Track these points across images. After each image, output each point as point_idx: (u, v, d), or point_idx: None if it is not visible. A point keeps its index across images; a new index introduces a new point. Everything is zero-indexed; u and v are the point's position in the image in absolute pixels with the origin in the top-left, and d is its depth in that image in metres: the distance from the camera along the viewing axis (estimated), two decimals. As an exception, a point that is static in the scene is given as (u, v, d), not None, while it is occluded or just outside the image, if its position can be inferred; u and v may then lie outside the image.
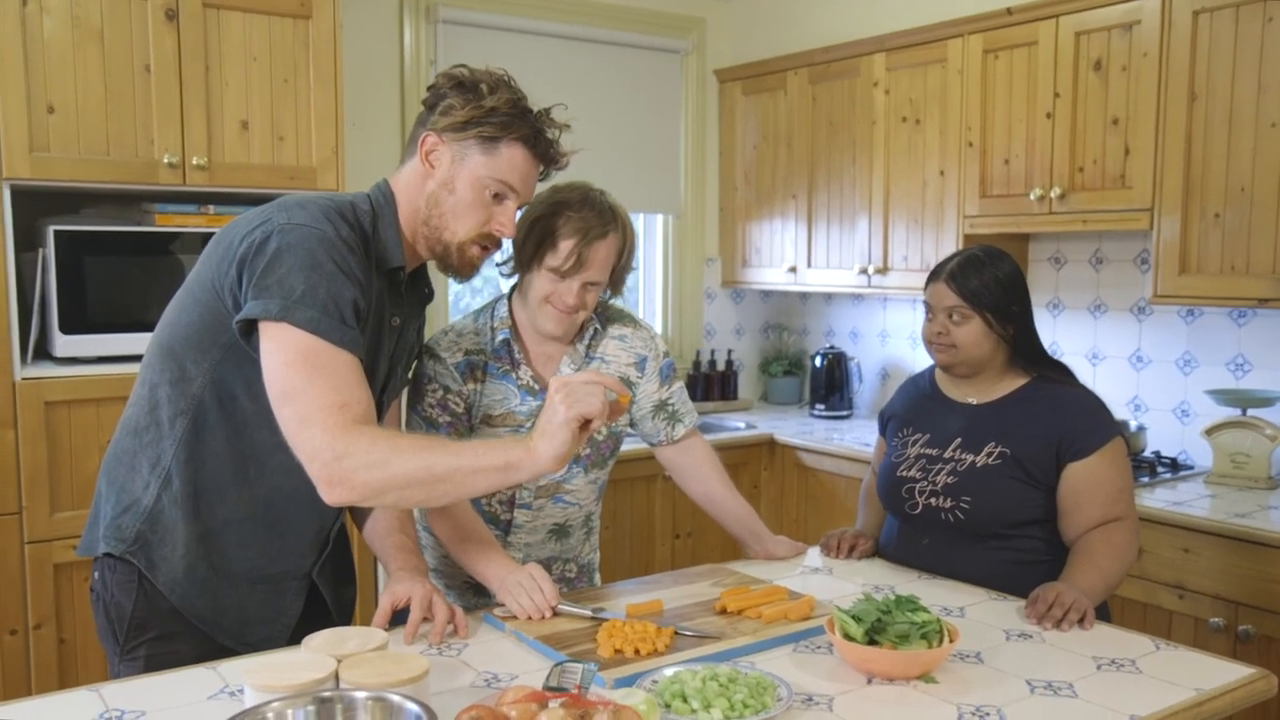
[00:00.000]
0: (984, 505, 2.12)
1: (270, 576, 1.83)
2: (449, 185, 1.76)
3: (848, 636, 1.65)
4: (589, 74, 4.29)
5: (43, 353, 2.92)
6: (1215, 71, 2.92)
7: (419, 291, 1.93)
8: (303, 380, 1.57)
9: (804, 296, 4.77)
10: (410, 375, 2.07)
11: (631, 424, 2.24)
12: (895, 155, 3.88)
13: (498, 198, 1.78)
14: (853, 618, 1.66)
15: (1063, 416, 2.12)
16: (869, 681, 1.62)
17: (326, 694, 1.36)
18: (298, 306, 1.59)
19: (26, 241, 2.91)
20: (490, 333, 2.08)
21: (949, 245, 3.67)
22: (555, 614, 1.84)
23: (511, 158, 1.77)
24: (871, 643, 1.63)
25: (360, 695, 1.35)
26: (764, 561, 2.24)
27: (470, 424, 2.07)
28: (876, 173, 3.94)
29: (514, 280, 2.12)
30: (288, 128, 3.10)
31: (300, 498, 1.75)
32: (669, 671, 1.57)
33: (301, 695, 1.35)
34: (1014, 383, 2.20)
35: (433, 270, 1.90)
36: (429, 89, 1.81)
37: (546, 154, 1.84)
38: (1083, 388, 2.20)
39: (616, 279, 2.08)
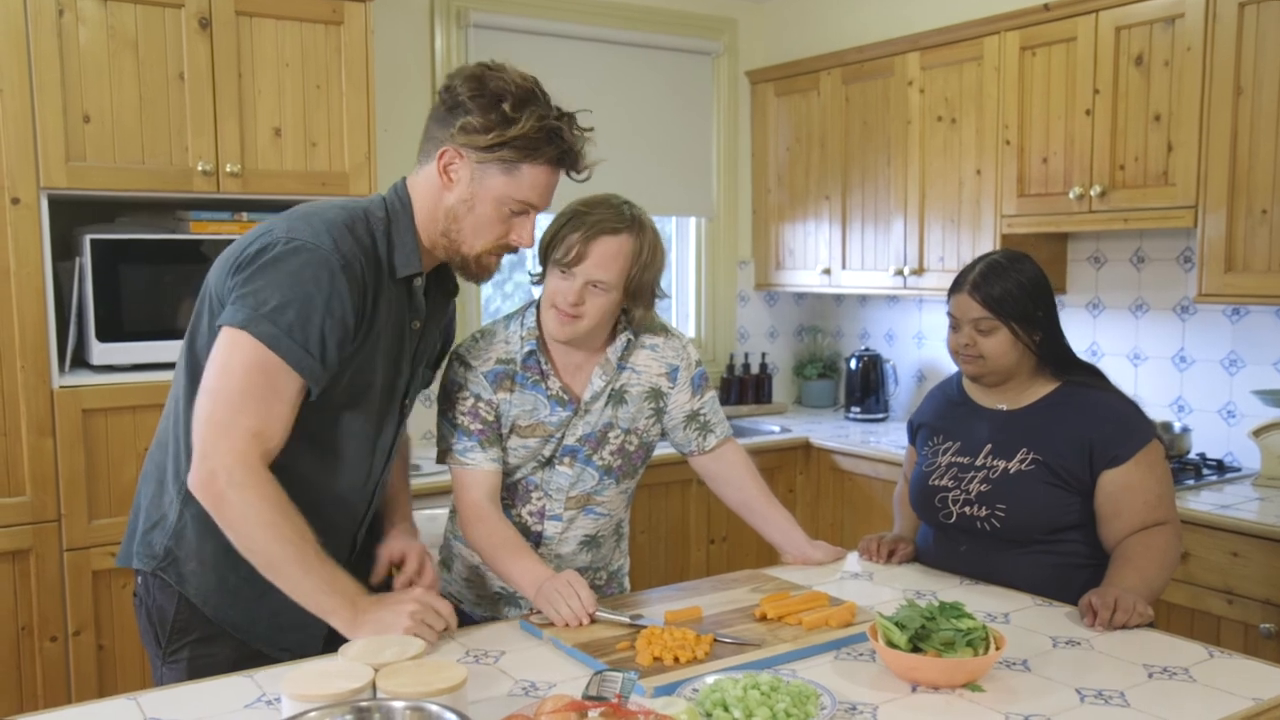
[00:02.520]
0: (1019, 512, 2.08)
1: None
2: (469, 203, 1.74)
3: (891, 644, 1.61)
4: (620, 77, 4.28)
5: (80, 361, 2.94)
6: (1262, 65, 2.86)
7: (443, 288, 1.92)
8: (238, 388, 1.60)
9: (838, 298, 4.73)
10: (439, 376, 2.06)
11: (663, 434, 2.21)
12: (930, 155, 3.83)
13: (516, 213, 1.78)
14: (896, 624, 1.63)
15: (1095, 422, 2.08)
16: (913, 690, 1.59)
17: (364, 703, 1.34)
18: (264, 320, 1.60)
19: (63, 250, 2.93)
20: (519, 342, 2.04)
21: (986, 245, 3.62)
22: (593, 621, 1.82)
23: (534, 178, 1.75)
24: (915, 650, 1.60)
25: (398, 705, 1.33)
26: (802, 567, 2.21)
27: (501, 432, 2.03)
28: (911, 173, 3.90)
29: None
30: (320, 134, 3.11)
31: (325, 503, 1.75)
32: (709, 679, 1.54)
33: (339, 704, 1.34)
34: (1044, 388, 2.16)
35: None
36: (445, 89, 1.76)
37: (571, 168, 1.82)
38: (1115, 391, 2.16)
39: (634, 290, 1.96)
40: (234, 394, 1.61)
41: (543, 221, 1.91)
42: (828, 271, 4.29)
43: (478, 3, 3.93)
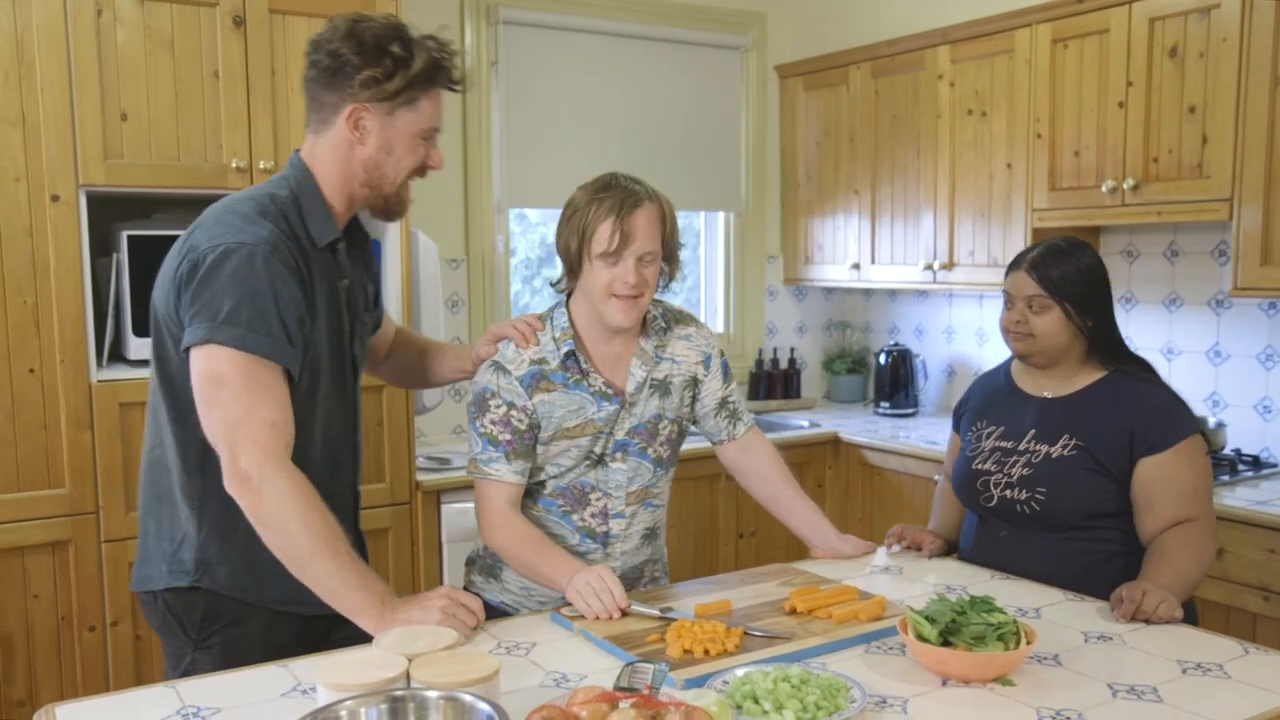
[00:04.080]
0: (1059, 496, 2.10)
1: None
2: (385, 148, 1.83)
3: (921, 638, 1.62)
4: (649, 72, 4.28)
5: (117, 355, 2.98)
6: (1298, 55, 2.83)
7: (354, 240, 1.97)
8: (238, 391, 1.66)
9: (867, 293, 4.71)
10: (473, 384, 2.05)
11: (694, 422, 2.22)
12: (961, 149, 3.81)
13: (426, 141, 1.88)
14: (926, 618, 1.63)
15: (1137, 410, 2.09)
16: (944, 684, 1.59)
17: (399, 693, 1.36)
18: (224, 327, 1.67)
19: (101, 247, 2.97)
20: (554, 344, 2.02)
21: (1017, 239, 3.60)
22: (624, 614, 1.83)
23: (432, 104, 1.86)
24: (946, 644, 1.60)
25: (432, 695, 1.35)
26: (831, 561, 2.21)
27: (533, 441, 2.00)
28: (941, 167, 3.88)
29: (568, 291, 2.07)
30: (352, 131, 3.13)
31: (317, 472, 1.80)
32: (740, 672, 1.55)
33: (374, 694, 1.36)
34: (1090, 376, 2.17)
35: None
36: (324, 54, 1.79)
37: (458, 85, 1.91)
38: (1162, 384, 2.16)
39: (670, 253, 2.01)
40: (237, 397, 1.67)
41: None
42: (857, 266, 4.28)
43: (507, -1, 3.95)
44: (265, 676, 1.66)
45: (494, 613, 2.04)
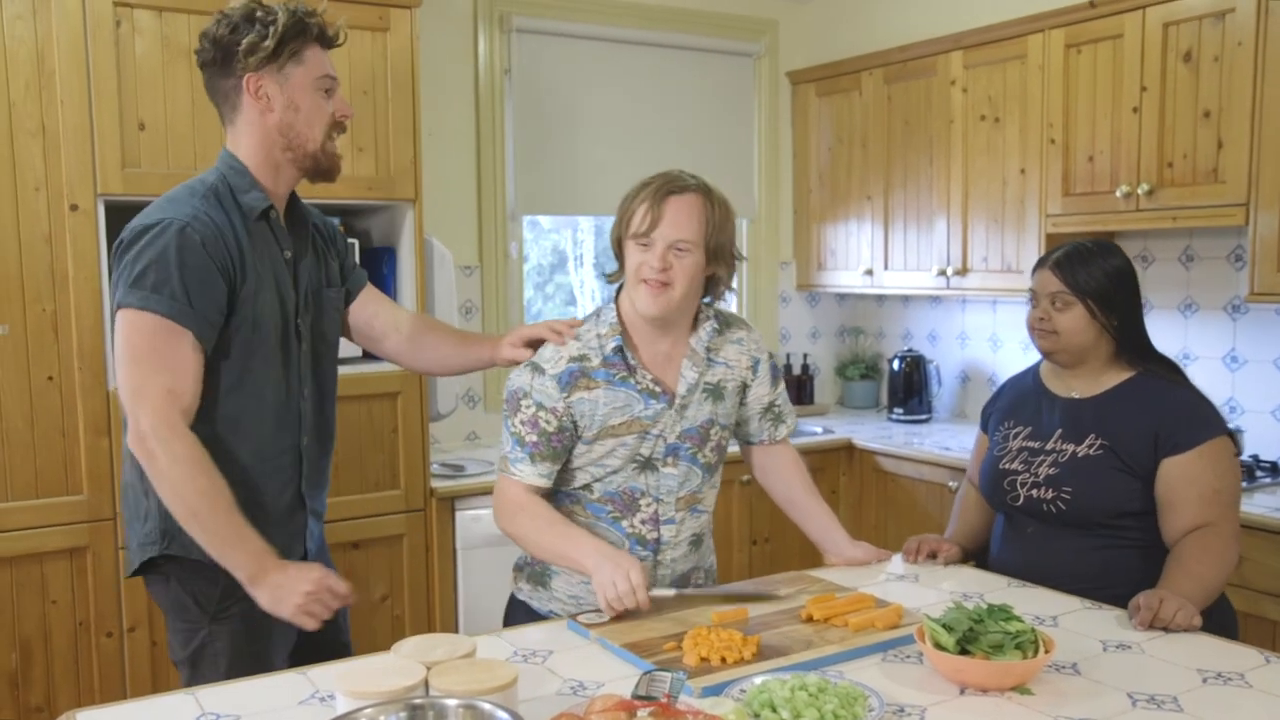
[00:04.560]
0: (1085, 495, 2.10)
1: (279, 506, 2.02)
2: (291, 106, 1.96)
3: (939, 646, 1.61)
4: (662, 79, 4.29)
5: (134, 363, 3.00)
6: (1314, 60, 2.82)
7: (302, 223, 2.10)
8: (140, 355, 1.82)
9: (880, 299, 4.71)
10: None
11: (737, 424, 2.20)
12: (974, 154, 3.81)
13: (328, 92, 2.00)
14: (944, 626, 1.63)
15: (1162, 410, 2.09)
16: (961, 692, 1.59)
17: (418, 701, 1.37)
18: (133, 291, 1.83)
19: (119, 255, 2.99)
20: (598, 340, 2.00)
21: (1030, 245, 3.59)
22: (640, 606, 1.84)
23: (316, 55, 1.98)
24: (963, 652, 1.60)
25: (451, 703, 1.36)
26: (846, 568, 2.21)
27: (561, 444, 1.99)
28: (955, 173, 3.88)
29: (619, 286, 2.07)
30: (366, 139, 3.15)
31: (265, 437, 1.98)
32: (757, 680, 1.55)
33: (393, 702, 1.36)
34: (1118, 376, 2.17)
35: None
36: (209, 43, 1.94)
37: (333, 39, 2.03)
38: (1189, 385, 2.16)
39: (714, 250, 1.97)
40: (140, 361, 1.82)
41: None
42: (870, 272, 4.27)
43: (520, 8, 3.97)
44: (284, 684, 1.67)
45: (535, 620, 2.05)
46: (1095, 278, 2.13)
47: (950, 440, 3.89)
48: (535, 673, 1.68)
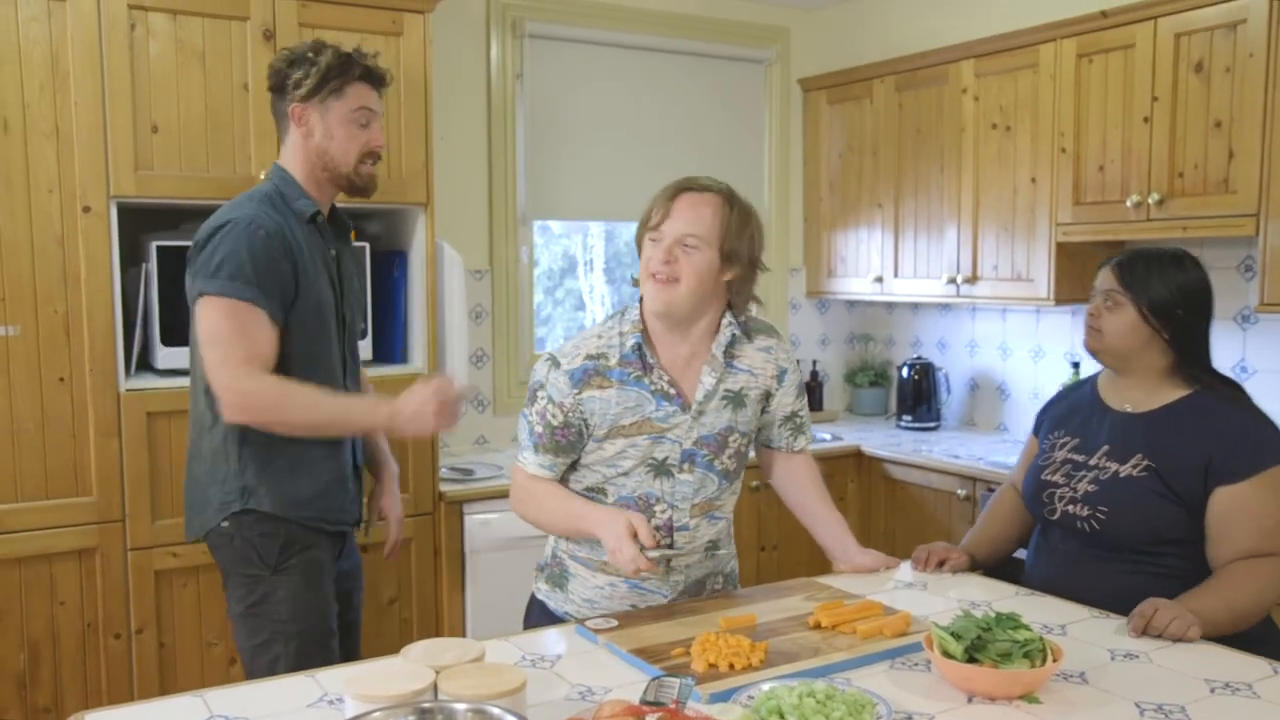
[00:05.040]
0: (1120, 518, 2.03)
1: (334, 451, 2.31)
2: (328, 133, 2.26)
3: (947, 654, 1.61)
4: (673, 85, 4.30)
5: (145, 364, 3.01)
6: (1326, 71, 2.82)
7: (342, 225, 2.42)
8: (223, 334, 2.08)
9: (890, 306, 4.71)
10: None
11: (758, 429, 2.20)
12: (984, 163, 3.81)
13: (364, 125, 2.29)
14: (952, 634, 1.63)
15: (1217, 434, 1.99)
16: (969, 700, 1.59)
17: (427, 705, 1.37)
18: (209, 281, 2.09)
19: (131, 257, 3.00)
20: (619, 338, 2.01)
21: (1040, 254, 3.59)
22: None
23: (359, 92, 2.28)
24: (971, 660, 1.60)
25: (460, 707, 1.36)
26: (855, 575, 2.21)
27: (566, 439, 2.02)
28: (965, 181, 3.88)
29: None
30: (379, 143, 3.16)
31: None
32: (765, 687, 1.55)
33: (401, 705, 1.36)
34: (1173, 393, 2.09)
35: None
36: (271, 75, 2.28)
37: (378, 78, 2.33)
38: (1251, 406, 2.07)
39: (730, 254, 1.96)
40: (221, 340, 2.08)
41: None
42: (880, 279, 4.27)
43: (533, 13, 3.98)
44: (293, 687, 1.67)
45: (555, 623, 2.07)
46: (1154, 284, 2.05)
47: (959, 448, 3.88)
48: (544, 677, 1.68)
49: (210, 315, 2.10)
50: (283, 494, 2.21)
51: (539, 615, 2.15)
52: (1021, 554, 2.36)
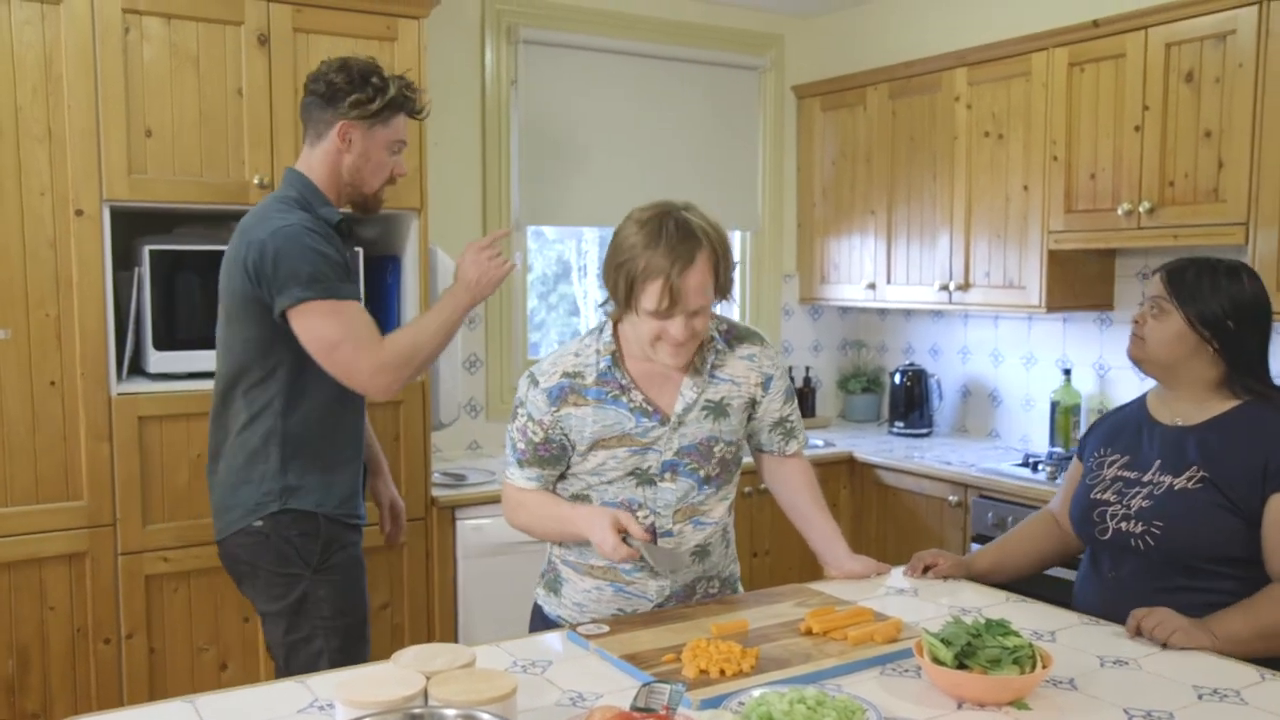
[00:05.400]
0: (1176, 532, 1.96)
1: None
2: (365, 155, 2.35)
3: (937, 660, 1.62)
4: (668, 91, 4.31)
5: (137, 369, 3.01)
6: (1315, 81, 2.83)
7: (352, 232, 2.48)
8: (336, 335, 2.20)
9: (883, 313, 4.72)
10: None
11: (749, 435, 2.20)
12: (977, 170, 3.82)
13: (396, 153, 2.40)
14: (942, 641, 1.63)
15: (1272, 440, 1.94)
16: (959, 706, 1.59)
17: (417, 711, 1.37)
18: (303, 287, 2.17)
19: (123, 261, 3.00)
20: (595, 355, 2.02)
21: (1033, 261, 3.61)
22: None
23: (401, 123, 2.40)
24: (961, 666, 1.60)
25: (450, 713, 1.36)
26: (846, 581, 2.21)
27: (549, 454, 2.02)
28: (958, 188, 3.89)
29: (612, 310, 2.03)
30: (372, 148, 3.16)
31: (350, 403, 2.39)
32: (755, 693, 1.55)
33: (392, 711, 1.36)
34: (1224, 405, 2.03)
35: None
36: (321, 82, 2.32)
37: (418, 112, 2.46)
38: None
39: (721, 287, 1.96)
40: (339, 342, 2.20)
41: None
42: (872, 286, 4.28)
43: (528, 19, 3.99)
44: (282, 692, 1.67)
45: (549, 625, 2.10)
46: (1205, 294, 1.99)
47: (951, 454, 3.89)
48: (534, 683, 1.68)
49: (312, 324, 2.19)
50: (324, 492, 2.30)
51: (538, 620, 2.18)
52: (1057, 573, 2.31)
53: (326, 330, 2.19)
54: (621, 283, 1.90)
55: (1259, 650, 1.82)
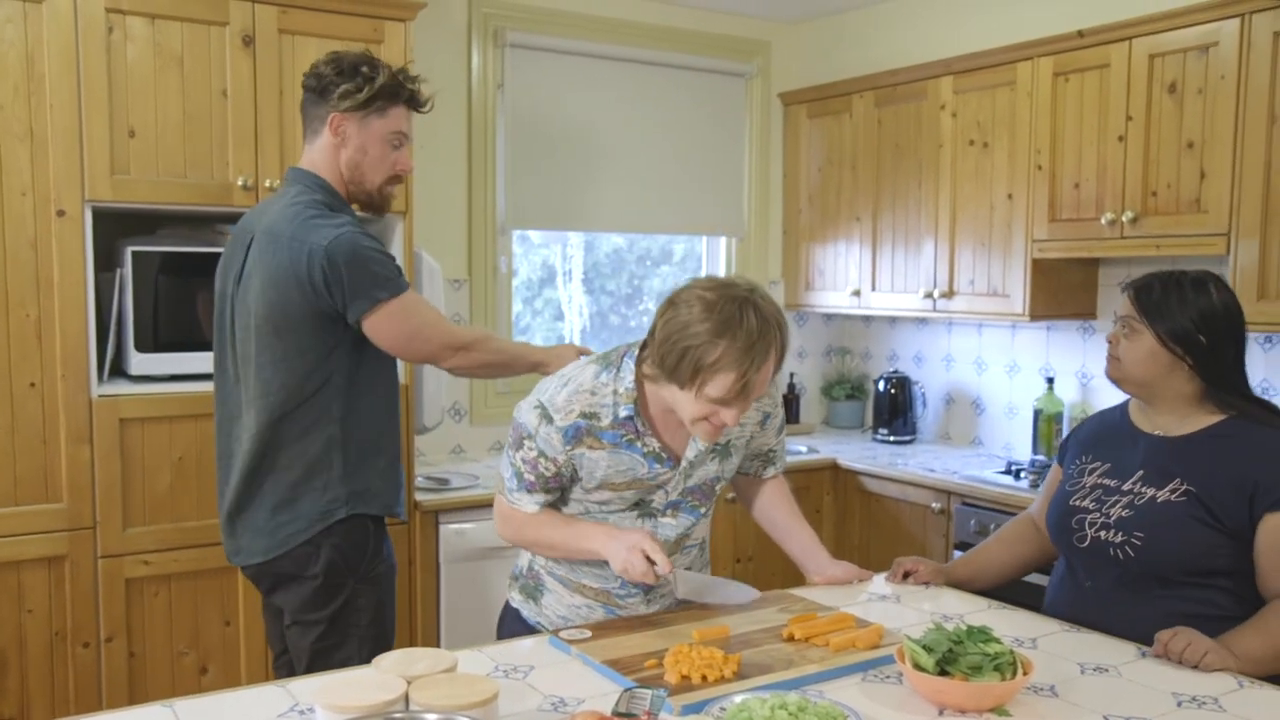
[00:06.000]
0: (1157, 545, 1.94)
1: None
2: (362, 148, 2.31)
3: (918, 666, 1.62)
4: (654, 97, 4.31)
5: (118, 371, 2.99)
6: (1296, 93, 2.86)
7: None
8: (415, 326, 2.27)
9: (867, 320, 4.73)
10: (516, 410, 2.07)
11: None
12: (962, 178, 3.84)
13: (396, 146, 2.36)
14: (924, 647, 1.64)
15: (1263, 459, 1.92)
16: (940, 713, 1.59)
17: (398, 716, 1.36)
18: (377, 288, 2.20)
19: (105, 262, 2.98)
20: (612, 398, 1.93)
21: (1017, 269, 3.62)
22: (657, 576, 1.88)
23: (399, 115, 2.34)
24: (943, 673, 1.60)
25: (431, 718, 1.35)
26: (828, 587, 2.21)
27: (559, 485, 1.99)
28: (943, 196, 3.91)
29: (641, 344, 1.96)
30: (358, 151, 3.15)
31: (393, 394, 2.44)
32: (737, 699, 1.55)
33: (373, 716, 1.36)
34: (1210, 418, 2.01)
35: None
36: (314, 76, 2.30)
37: (420, 104, 2.40)
38: None
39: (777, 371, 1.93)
40: (417, 331, 2.27)
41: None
42: (857, 293, 4.29)
43: (515, 23, 3.98)
44: (262, 696, 1.66)
45: (528, 631, 2.08)
46: (1173, 309, 1.97)
47: (934, 461, 3.90)
48: (516, 688, 1.68)
49: (390, 323, 2.23)
50: (386, 493, 2.34)
51: (514, 623, 2.14)
52: (1037, 579, 2.30)
53: (405, 324, 2.24)
54: (685, 366, 1.79)
55: (1276, 670, 1.80)
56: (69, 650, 2.86)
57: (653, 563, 1.88)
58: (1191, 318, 1.98)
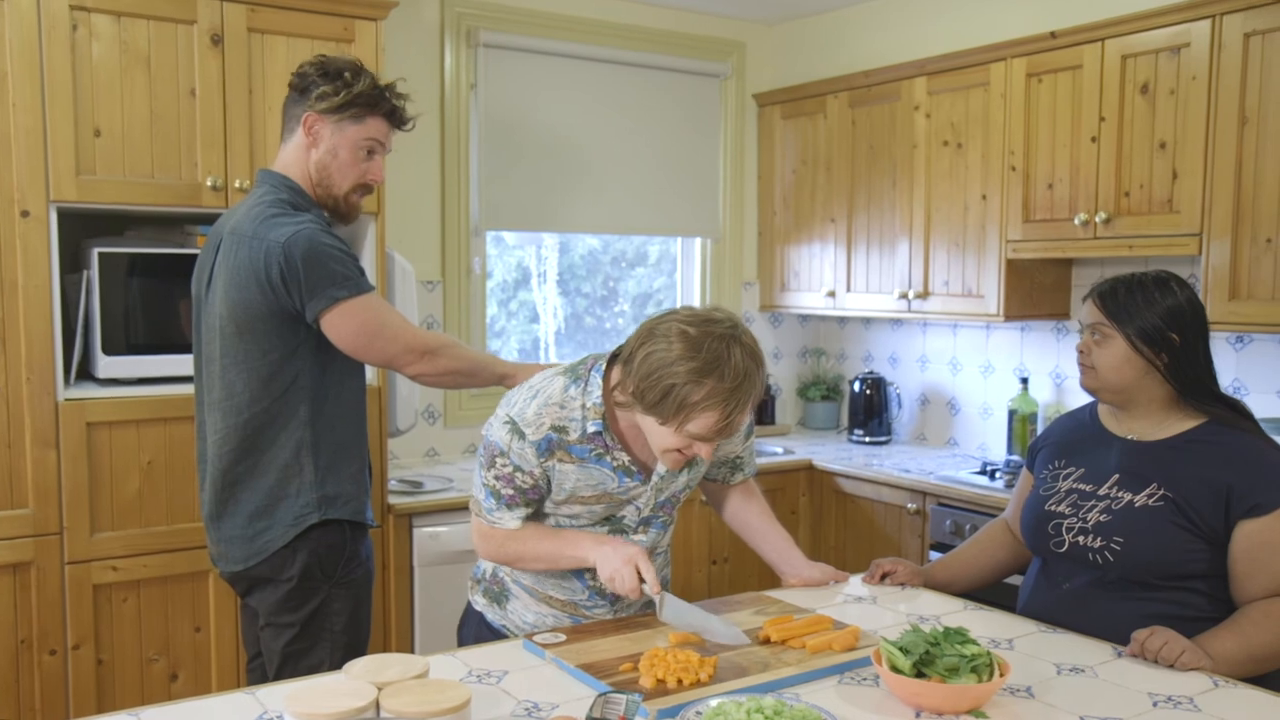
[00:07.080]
0: (1138, 549, 1.94)
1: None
2: (332, 151, 2.29)
3: (895, 669, 1.61)
4: (629, 97, 4.30)
5: (85, 374, 2.94)
6: (1268, 94, 2.88)
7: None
8: (375, 327, 2.22)
9: (842, 321, 4.74)
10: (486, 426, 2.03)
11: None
12: (936, 179, 3.84)
13: (370, 155, 2.33)
14: (900, 649, 1.63)
15: (1237, 465, 1.92)
16: (917, 715, 1.59)
17: (367, 722, 1.34)
18: (336, 286, 2.15)
19: (71, 263, 2.94)
20: (580, 412, 1.91)
21: (991, 270, 3.63)
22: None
23: (377, 125, 2.32)
24: (919, 675, 1.60)
25: (401, 724, 1.33)
26: (804, 589, 2.21)
27: (538, 495, 1.96)
28: (917, 197, 3.91)
29: (612, 355, 1.94)
30: (329, 151, 3.12)
31: (360, 400, 2.40)
32: (713, 702, 1.54)
33: (342, 723, 1.34)
34: (1184, 422, 2.01)
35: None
36: (298, 75, 2.30)
37: (400, 120, 2.37)
38: (1266, 437, 1.99)
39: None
40: (379, 330, 2.21)
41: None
42: (832, 294, 4.30)
43: (488, 22, 3.96)
44: (232, 704, 1.63)
45: (494, 636, 2.05)
46: (1141, 311, 1.97)
47: (909, 462, 3.91)
48: (489, 693, 1.66)
49: (348, 322, 2.18)
50: (357, 497, 2.31)
51: (477, 626, 2.11)
52: (1015, 580, 2.31)
53: (364, 324, 2.20)
54: (669, 404, 1.76)
55: (1250, 671, 1.81)
56: (35, 658, 2.81)
57: (642, 580, 1.86)
58: (1160, 315, 1.98)
